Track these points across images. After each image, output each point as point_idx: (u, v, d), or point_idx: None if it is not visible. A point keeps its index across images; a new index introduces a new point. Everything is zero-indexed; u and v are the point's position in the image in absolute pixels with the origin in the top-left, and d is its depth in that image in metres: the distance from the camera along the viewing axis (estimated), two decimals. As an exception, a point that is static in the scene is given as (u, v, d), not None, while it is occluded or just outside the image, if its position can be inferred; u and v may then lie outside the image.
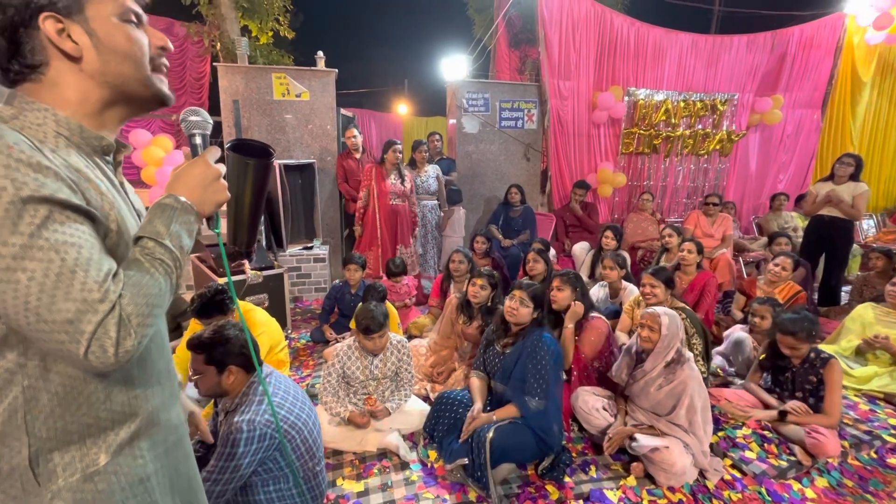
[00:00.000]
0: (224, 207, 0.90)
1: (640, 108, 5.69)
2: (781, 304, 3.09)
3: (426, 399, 2.70)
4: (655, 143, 5.86)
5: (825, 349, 2.62)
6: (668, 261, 3.88)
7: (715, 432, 2.35)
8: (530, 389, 2.10)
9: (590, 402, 2.39)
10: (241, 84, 4.68)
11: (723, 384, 2.93)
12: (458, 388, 2.60)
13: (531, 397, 2.08)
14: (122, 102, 0.80)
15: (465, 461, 2.04)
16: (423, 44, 13.76)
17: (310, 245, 4.69)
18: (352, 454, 2.28)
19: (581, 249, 4.84)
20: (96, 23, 0.73)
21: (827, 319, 4.02)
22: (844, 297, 4.42)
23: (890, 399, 2.81)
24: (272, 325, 2.77)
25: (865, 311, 3.16)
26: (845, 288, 4.55)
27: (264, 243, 3.80)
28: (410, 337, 3.54)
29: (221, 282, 2.78)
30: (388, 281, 3.85)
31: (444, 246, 4.98)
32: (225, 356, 1.62)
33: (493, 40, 7.12)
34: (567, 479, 2.12)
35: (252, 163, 0.97)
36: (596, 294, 3.54)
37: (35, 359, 0.69)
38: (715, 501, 2.01)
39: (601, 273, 3.63)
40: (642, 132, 5.78)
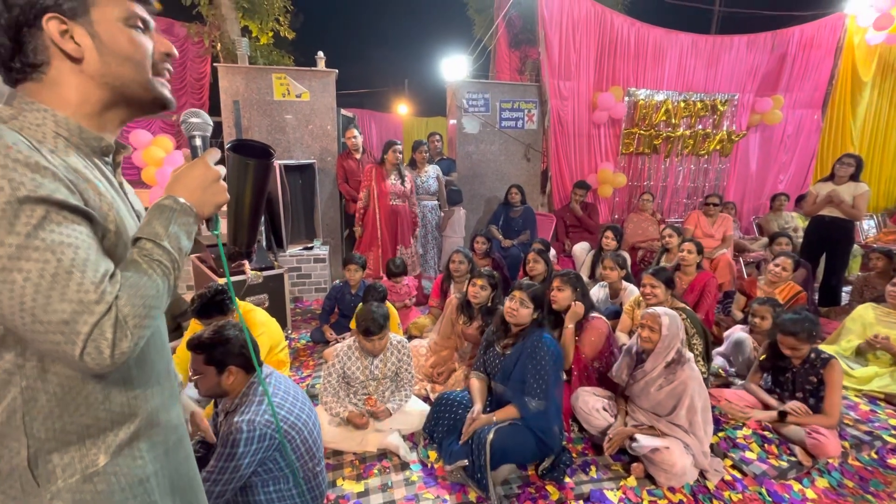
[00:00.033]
0: (224, 208, 0.90)
1: (641, 109, 5.69)
2: (782, 305, 3.09)
3: (426, 399, 2.70)
4: (656, 143, 5.86)
5: (825, 349, 2.62)
6: (668, 261, 3.88)
7: (715, 433, 2.35)
8: (530, 390, 2.09)
9: (590, 403, 2.39)
10: (242, 84, 4.68)
11: (723, 384, 2.93)
12: (458, 389, 2.60)
13: (531, 398, 2.08)
14: (122, 104, 0.80)
15: (465, 463, 2.04)
16: (423, 44, 13.77)
17: (310, 245, 4.69)
18: (352, 454, 2.28)
19: (581, 250, 4.83)
20: (100, 25, 0.73)
21: (827, 320, 4.02)
22: (845, 298, 4.42)
23: (890, 399, 2.81)
24: (272, 326, 2.77)
25: (866, 312, 3.16)
26: (846, 288, 4.55)
27: (264, 243, 3.80)
28: (411, 337, 3.54)
29: (221, 282, 2.78)
30: (389, 281, 3.84)
31: (444, 246, 4.98)
32: (225, 356, 1.62)
33: (493, 41, 7.12)
34: (567, 479, 2.12)
35: (252, 163, 0.97)
36: (596, 294, 3.54)
37: (33, 359, 0.69)
38: (715, 502, 2.01)
39: (601, 273, 3.63)
40: (642, 132, 5.78)
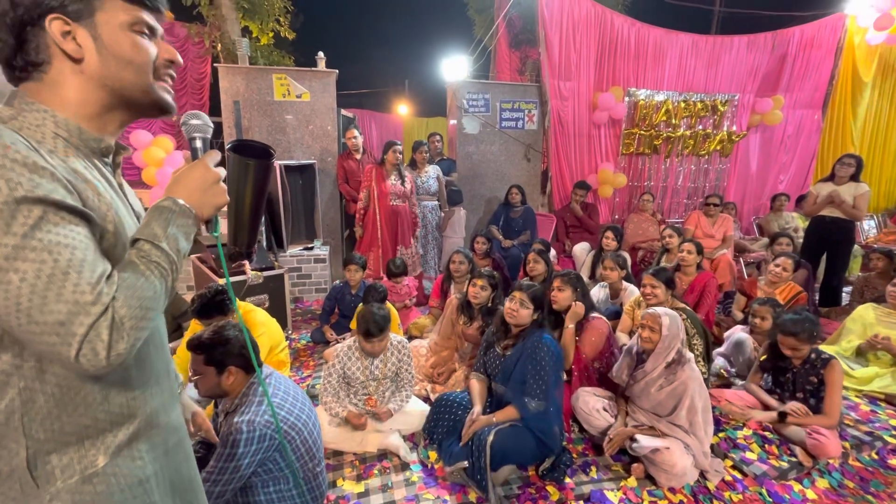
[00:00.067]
0: (224, 209, 0.90)
1: (641, 109, 5.69)
2: (782, 305, 3.09)
3: (426, 400, 2.70)
4: (656, 143, 5.86)
5: (826, 350, 2.61)
6: (668, 261, 3.88)
7: (716, 433, 2.34)
8: (530, 390, 2.09)
9: (590, 403, 2.39)
10: (242, 85, 4.68)
11: (724, 385, 2.93)
12: (458, 390, 2.60)
13: (531, 398, 2.08)
14: (122, 107, 0.80)
15: (465, 464, 2.04)
16: (423, 44, 13.76)
17: (310, 246, 4.69)
18: (352, 455, 2.28)
19: (581, 250, 4.83)
20: (103, 28, 0.74)
21: (828, 320, 4.01)
22: (845, 298, 4.42)
23: (891, 400, 2.81)
24: (272, 326, 2.77)
25: (866, 312, 3.16)
26: (846, 289, 4.55)
27: (265, 244, 3.80)
28: (411, 337, 3.54)
29: (221, 282, 2.78)
30: (389, 281, 3.84)
31: (444, 246, 4.98)
32: (224, 357, 1.62)
33: (493, 41, 7.12)
34: (567, 479, 2.12)
35: (253, 163, 0.97)
36: (596, 295, 3.54)
37: (31, 360, 0.69)
38: (716, 502, 2.01)
39: (602, 274, 3.63)
40: (643, 133, 5.78)
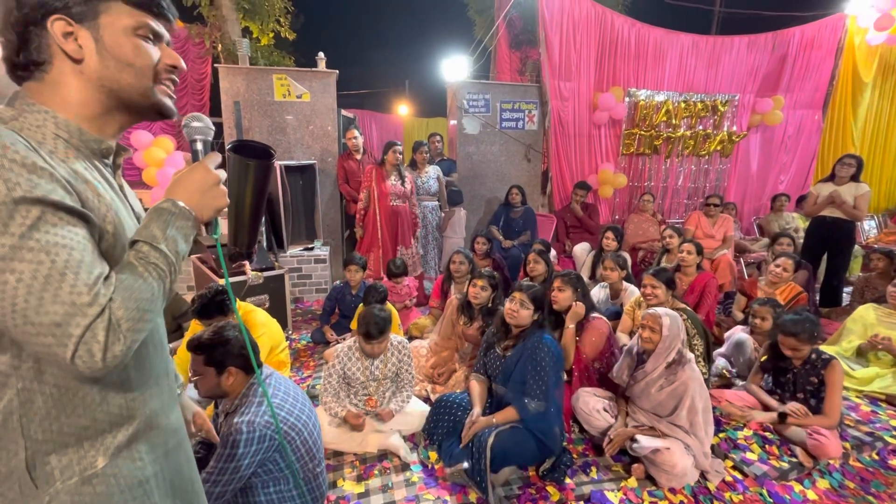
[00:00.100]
0: (224, 210, 0.90)
1: (641, 109, 5.69)
2: (782, 306, 3.09)
3: (427, 400, 2.70)
4: (656, 143, 5.86)
5: (826, 350, 2.61)
6: (668, 262, 3.88)
7: (716, 433, 2.34)
8: (530, 391, 2.09)
9: (590, 404, 2.39)
10: (242, 85, 4.68)
11: (724, 385, 2.92)
12: (459, 391, 2.60)
13: (531, 399, 2.08)
14: (121, 109, 0.80)
15: (465, 466, 2.04)
16: (423, 45, 13.78)
17: (310, 246, 4.69)
18: (352, 455, 2.28)
19: (582, 250, 4.83)
20: (106, 31, 0.74)
21: (828, 320, 4.01)
22: (846, 299, 4.41)
23: (892, 400, 2.80)
24: (273, 326, 2.77)
25: (867, 313, 3.16)
26: (847, 289, 4.54)
27: (265, 244, 3.80)
28: (411, 338, 3.54)
29: (222, 283, 2.78)
30: (389, 282, 3.84)
31: (444, 247, 4.98)
32: (224, 357, 1.62)
33: (493, 41, 7.12)
34: (568, 480, 2.12)
35: (253, 164, 0.97)
36: (597, 295, 3.54)
37: (29, 361, 0.69)
38: (716, 503, 2.01)
39: (602, 274, 3.62)
40: (643, 133, 5.78)
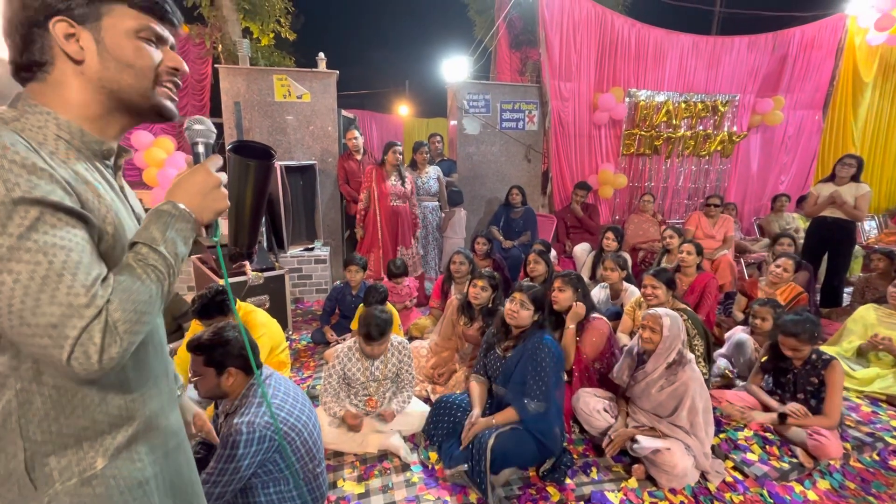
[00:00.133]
0: (225, 212, 0.91)
1: (641, 110, 5.69)
2: (782, 306, 3.09)
3: (427, 400, 2.70)
4: (656, 144, 5.86)
5: (827, 351, 2.61)
6: (669, 262, 3.87)
7: (716, 434, 2.34)
8: (530, 391, 2.09)
9: (591, 404, 2.38)
10: (243, 85, 4.69)
11: (725, 385, 2.92)
12: (459, 391, 2.60)
13: (530, 400, 2.07)
14: (122, 110, 0.80)
15: (465, 467, 2.04)
16: (423, 45, 13.79)
17: (311, 246, 4.69)
18: (352, 456, 2.28)
19: (582, 251, 4.83)
20: (107, 32, 0.74)
21: (829, 321, 4.01)
22: (846, 299, 4.41)
23: (892, 401, 2.80)
24: (273, 327, 2.77)
25: (867, 313, 3.15)
26: (847, 289, 4.54)
27: (265, 244, 3.80)
28: (411, 338, 3.54)
29: (222, 283, 2.78)
30: (389, 282, 3.84)
31: (444, 247, 4.98)
32: (224, 358, 1.62)
33: (493, 42, 7.12)
34: (568, 480, 2.12)
35: (253, 164, 0.97)
36: (597, 295, 3.54)
37: (28, 361, 0.69)
38: (716, 503, 2.01)
39: (602, 274, 3.62)
40: (643, 133, 5.78)
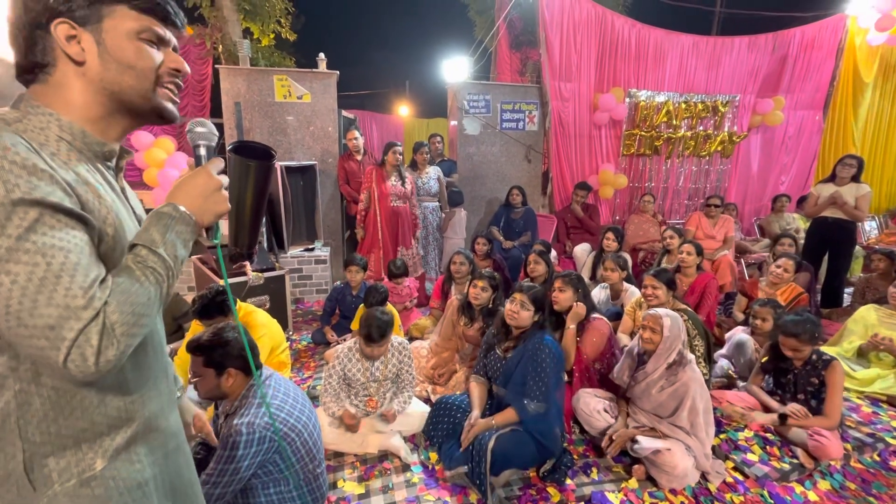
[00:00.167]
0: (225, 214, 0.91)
1: (642, 110, 5.69)
2: (783, 306, 3.08)
3: (427, 401, 2.70)
4: (657, 144, 5.85)
5: (827, 351, 2.61)
6: (669, 262, 3.87)
7: (717, 434, 2.34)
8: (529, 392, 2.09)
9: (591, 404, 2.38)
10: (243, 86, 4.69)
11: (725, 386, 2.92)
12: (459, 392, 2.60)
13: (530, 400, 2.07)
14: (123, 112, 0.80)
15: (465, 469, 2.04)
16: (424, 46, 13.81)
17: (311, 247, 4.69)
18: (353, 456, 2.28)
19: (582, 251, 4.83)
20: (108, 34, 0.74)
21: (829, 321, 4.01)
22: (847, 299, 4.41)
23: (893, 401, 2.80)
24: (273, 327, 2.77)
25: (868, 313, 3.15)
26: (848, 290, 4.54)
27: (266, 245, 3.80)
28: (411, 338, 3.54)
29: (222, 283, 2.78)
30: (390, 283, 3.84)
31: (445, 247, 4.98)
32: (224, 359, 1.61)
33: (494, 42, 7.12)
34: (568, 481, 2.12)
35: (254, 165, 0.97)
36: (597, 296, 3.54)
37: (27, 362, 0.69)
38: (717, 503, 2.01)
39: (602, 275, 3.62)
40: (643, 134, 5.78)
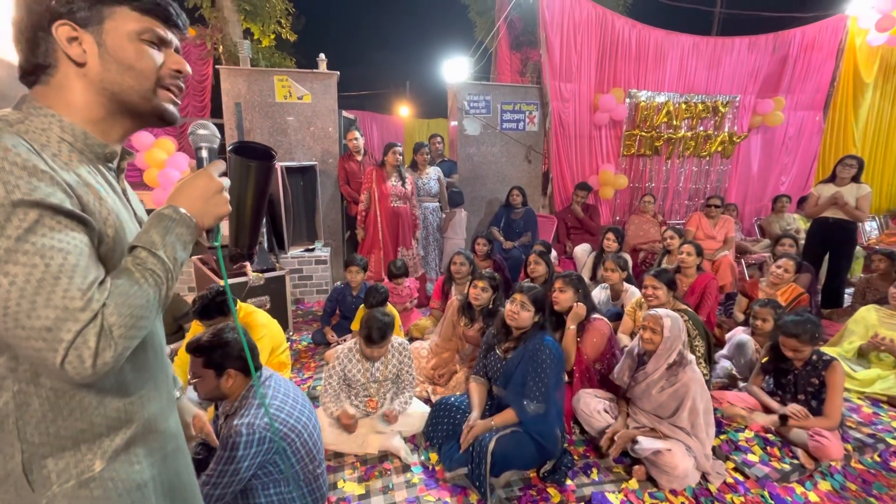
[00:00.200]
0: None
1: (642, 110, 5.69)
2: (783, 307, 3.08)
3: (427, 401, 2.70)
4: (657, 144, 5.85)
5: (828, 351, 2.61)
6: (669, 263, 3.87)
7: (717, 435, 2.34)
8: (529, 393, 2.09)
9: (591, 405, 2.38)
10: (244, 86, 4.69)
11: (724, 387, 2.91)
12: (459, 392, 2.59)
13: (530, 401, 2.07)
14: (124, 113, 0.80)
15: (465, 470, 2.04)
16: (424, 46, 13.83)
17: (311, 247, 4.70)
18: (353, 457, 2.28)
19: (582, 251, 4.83)
20: (109, 35, 0.74)
21: (830, 322, 4.00)
22: (847, 300, 4.41)
23: (893, 402, 2.80)
24: (274, 327, 2.77)
25: (869, 314, 3.15)
26: (848, 290, 4.54)
27: (266, 245, 3.80)
28: (412, 339, 3.54)
29: (223, 283, 2.78)
30: (390, 283, 3.84)
31: (445, 248, 4.98)
32: (224, 359, 1.61)
33: (494, 42, 7.12)
34: (569, 481, 2.11)
35: (254, 165, 0.97)
36: (597, 296, 3.54)
37: (26, 363, 0.68)
38: (717, 505, 2.01)
39: (602, 275, 3.62)
40: (644, 134, 5.77)
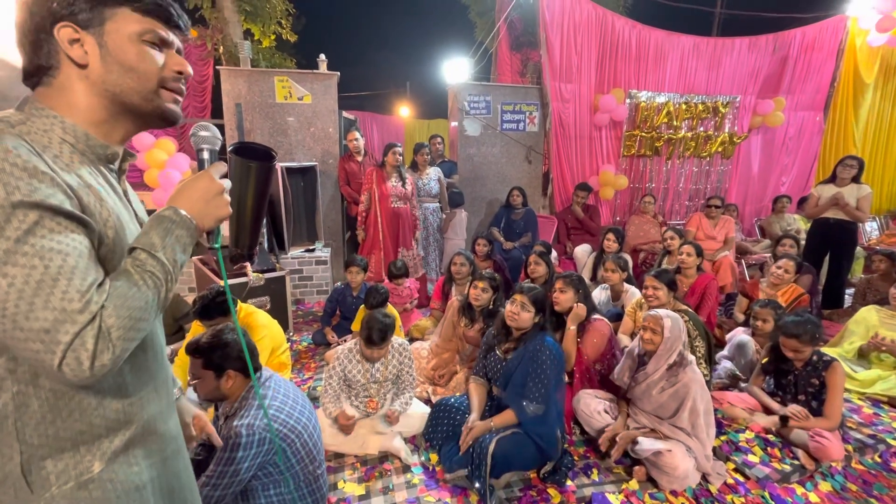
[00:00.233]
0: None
1: (642, 111, 5.69)
2: (783, 307, 3.08)
3: (428, 402, 2.70)
4: (657, 145, 5.85)
5: (828, 352, 2.61)
6: (669, 263, 3.87)
7: (718, 436, 2.34)
8: (529, 394, 2.09)
9: (591, 405, 2.38)
10: (244, 87, 4.70)
11: (725, 387, 2.91)
12: (459, 393, 2.59)
13: (529, 402, 2.07)
14: (126, 114, 0.80)
15: (465, 472, 2.04)
16: (424, 47, 13.85)
17: (311, 247, 4.70)
18: (353, 457, 2.28)
19: (583, 252, 4.83)
20: (110, 36, 0.74)
21: (830, 322, 4.00)
22: (848, 300, 4.40)
23: (894, 403, 2.79)
24: (274, 328, 2.77)
25: (869, 314, 3.15)
26: (849, 291, 4.54)
27: (266, 246, 3.81)
28: (412, 339, 3.54)
29: (223, 284, 2.78)
30: (390, 284, 3.84)
31: (445, 248, 4.98)
32: (223, 360, 1.61)
33: (494, 43, 7.13)
34: (569, 482, 2.11)
35: (254, 166, 0.97)
36: (598, 296, 3.54)
37: (25, 364, 0.68)
38: (718, 506, 2.01)
39: (603, 275, 3.62)
40: (644, 134, 5.77)
